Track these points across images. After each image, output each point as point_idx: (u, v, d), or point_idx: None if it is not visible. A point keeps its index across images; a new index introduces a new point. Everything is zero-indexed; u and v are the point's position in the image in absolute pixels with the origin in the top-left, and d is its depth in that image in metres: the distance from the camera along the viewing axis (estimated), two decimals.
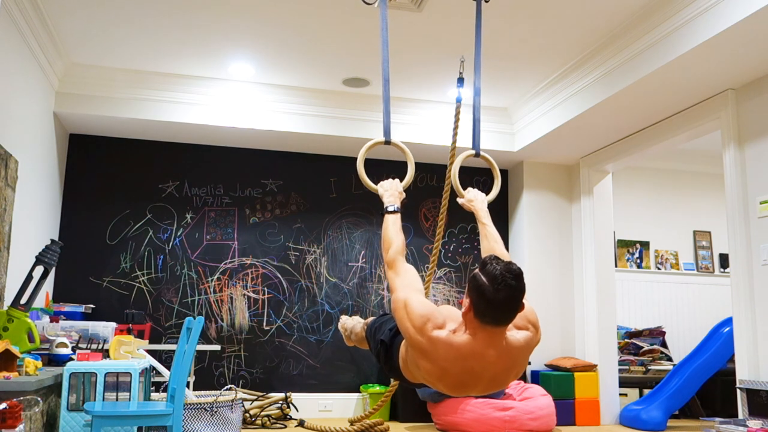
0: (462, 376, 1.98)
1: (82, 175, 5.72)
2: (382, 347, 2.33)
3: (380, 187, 2.51)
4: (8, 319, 3.59)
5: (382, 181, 2.54)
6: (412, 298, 2.06)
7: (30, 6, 4.14)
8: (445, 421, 5.04)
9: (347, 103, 5.67)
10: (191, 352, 3.29)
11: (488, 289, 1.87)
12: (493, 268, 1.90)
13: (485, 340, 1.94)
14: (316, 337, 5.94)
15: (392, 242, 2.29)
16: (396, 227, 2.34)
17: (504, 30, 4.44)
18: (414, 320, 1.99)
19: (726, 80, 4.31)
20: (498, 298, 1.87)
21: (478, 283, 1.90)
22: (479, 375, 1.97)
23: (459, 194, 2.65)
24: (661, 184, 7.23)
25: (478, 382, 2.00)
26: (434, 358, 1.98)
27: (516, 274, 1.90)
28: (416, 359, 2.04)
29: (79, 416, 3.40)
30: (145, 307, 5.65)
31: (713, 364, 5.60)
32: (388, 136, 2.57)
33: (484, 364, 1.96)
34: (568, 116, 5.14)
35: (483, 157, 2.78)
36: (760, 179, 4.21)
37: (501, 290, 1.87)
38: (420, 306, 2.03)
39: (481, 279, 1.90)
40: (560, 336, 6.11)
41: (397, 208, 2.40)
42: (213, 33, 4.60)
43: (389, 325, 2.34)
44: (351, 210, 6.18)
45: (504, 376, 2.03)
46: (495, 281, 1.87)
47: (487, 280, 1.89)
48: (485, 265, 1.93)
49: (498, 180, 2.78)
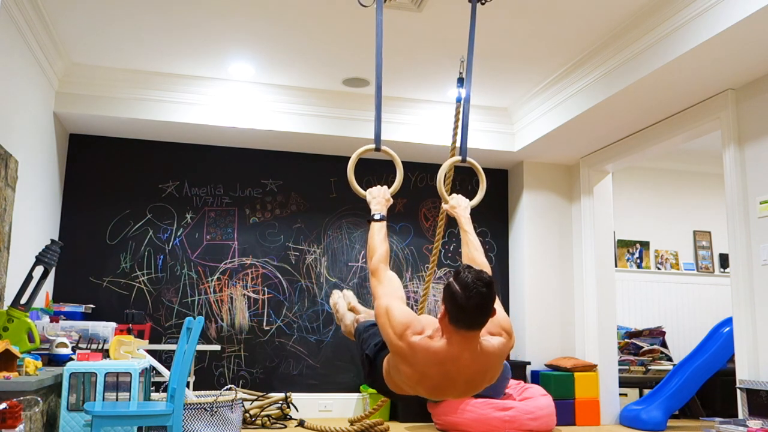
0: (439, 380, 2.11)
1: (82, 175, 5.72)
2: (366, 361, 2.42)
3: (368, 194, 2.61)
4: (8, 319, 3.59)
5: (371, 187, 2.62)
6: (394, 306, 2.17)
7: (30, 6, 4.14)
8: (445, 421, 5.04)
9: (347, 103, 5.67)
10: (191, 352, 3.29)
11: (461, 296, 2.01)
12: (465, 276, 2.04)
13: (460, 344, 2.06)
14: (316, 337, 5.94)
15: (376, 250, 2.39)
16: (381, 235, 2.43)
17: (504, 30, 4.44)
18: (395, 327, 2.12)
19: (726, 80, 4.31)
20: (470, 305, 2.01)
21: (452, 291, 2.04)
22: (455, 378, 2.11)
23: (444, 200, 2.74)
24: (661, 184, 7.23)
25: (455, 385, 2.14)
26: (413, 362, 2.10)
27: (486, 282, 2.04)
28: (397, 364, 2.16)
29: (79, 416, 3.40)
30: (145, 307, 5.66)
31: (713, 364, 5.60)
32: (379, 143, 2.67)
33: (459, 368, 2.09)
34: (568, 116, 5.14)
35: (470, 162, 2.82)
36: (760, 179, 4.21)
37: (472, 297, 2.00)
38: (400, 314, 2.14)
39: (454, 287, 2.04)
40: (560, 336, 6.11)
41: (382, 216, 2.49)
42: (213, 33, 4.60)
43: (375, 340, 2.42)
44: (351, 210, 6.19)
45: (479, 379, 2.15)
46: (467, 289, 2.01)
47: (460, 287, 2.02)
48: (458, 274, 2.07)
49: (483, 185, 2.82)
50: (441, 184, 2.70)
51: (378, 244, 2.40)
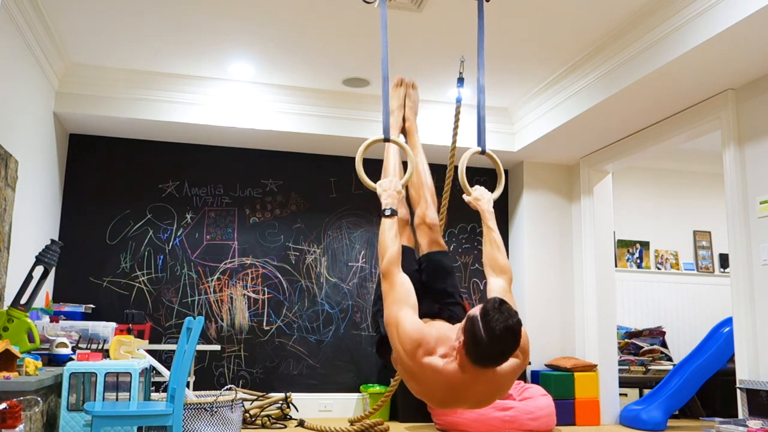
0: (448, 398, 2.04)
1: (82, 175, 5.72)
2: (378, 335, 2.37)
3: (379, 186, 2.43)
4: (8, 319, 3.59)
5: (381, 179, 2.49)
6: (404, 319, 2.05)
7: (30, 6, 4.14)
8: (445, 421, 5.04)
9: (347, 103, 5.67)
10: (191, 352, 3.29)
11: (484, 341, 1.88)
12: (493, 320, 1.88)
13: (474, 375, 1.98)
14: (316, 337, 5.94)
15: (387, 250, 2.22)
16: (391, 233, 2.25)
17: (504, 30, 4.44)
18: (405, 344, 2.01)
19: (726, 80, 4.31)
20: (493, 352, 1.90)
21: (475, 333, 1.90)
22: (465, 398, 2.03)
23: (466, 192, 2.60)
24: (661, 184, 7.23)
25: (463, 404, 2.07)
26: (421, 380, 2.02)
27: (515, 331, 1.90)
28: (404, 378, 2.08)
29: (79, 416, 3.40)
30: (145, 307, 5.65)
31: (713, 364, 5.60)
32: (388, 134, 2.54)
33: (469, 392, 2.01)
34: (568, 116, 5.14)
35: (488, 155, 2.76)
36: (760, 179, 4.21)
37: (497, 345, 1.88)
38: (411, 329, 2.02)
39: (479, 330, 1.89)
40: (560, 336, 6.11)
41: (393, 210, 2.30)
42: (213, 33, 4.60)
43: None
44: (351, 210, 6.18)
45: (490, 398, 2.09)
46: (492, 336, 1.88)
47: (485, 332, 1.88)
48: (486, 313, 1.91)
49: (502, 179, 2.77)
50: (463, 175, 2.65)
51: (389, 243, 2.22)
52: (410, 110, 2.96)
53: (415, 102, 2.97)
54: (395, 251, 2.22)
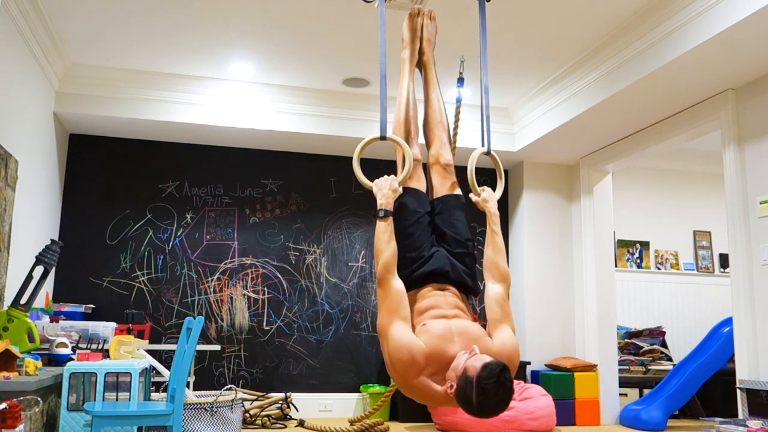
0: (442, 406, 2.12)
1: (82, 175, 5.72)
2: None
3: (374, 185, 2.38)
4: (8, 319, 3.59)
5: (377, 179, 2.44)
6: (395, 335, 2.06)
7: (30, 6, 4.14)
8: (445, 421, 5.04)
9: (347, 103, 5.67)
10: (191, 352, 3.29)
11: (473, 407, 1.91)
12: (488, 393, 1.88)
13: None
14: (316, 337, 5.94)
15: (381, 254, 2.19)
16: (386, 235, 2.21)
17: (504, 30, 4.44)
18: (395, 363, 2.03)
19: (726, 80, 4.31)
20: (482, 411, 1.91)
21: (466, 394, 1.91)
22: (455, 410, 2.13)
23: (474, 192, 2.58)
24: (661, 184, 7.23)
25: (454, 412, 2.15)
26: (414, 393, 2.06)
27: (506, 403, 1.91)
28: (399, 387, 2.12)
29: (79, 416, 3.40)
30: (145, 307, 5.66)
31: (713, 364, 5.60)
32: (384, 131, 2.53)
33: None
34: (568, 116, 5.14)
35: (491, 156, 2.77)
36: (760, 179, 4.21)
37: (485, 413, 1.91)
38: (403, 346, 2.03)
39: (471, 394, 1.89)
40: (560, 336, 6.12)
41: (387, 212, 2.26)
42: (213, 33, 4.60)
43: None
44: (351, 210, 6.19)
45: None
46: (482, 407, 1.90)
47: (476, 400, 1.89)
48: (481, 381, 1.88)
49: (502, 179, 2.77)
50: (472, 175, 2.65)
51: (384, 247, 2.19)
52: (427, 42, 2.87)
53: (432, 34, 2.88)
54: (389, 255, 2.19)
